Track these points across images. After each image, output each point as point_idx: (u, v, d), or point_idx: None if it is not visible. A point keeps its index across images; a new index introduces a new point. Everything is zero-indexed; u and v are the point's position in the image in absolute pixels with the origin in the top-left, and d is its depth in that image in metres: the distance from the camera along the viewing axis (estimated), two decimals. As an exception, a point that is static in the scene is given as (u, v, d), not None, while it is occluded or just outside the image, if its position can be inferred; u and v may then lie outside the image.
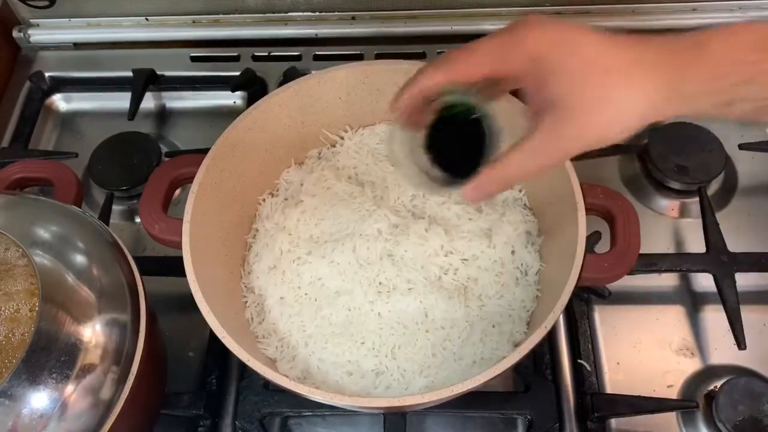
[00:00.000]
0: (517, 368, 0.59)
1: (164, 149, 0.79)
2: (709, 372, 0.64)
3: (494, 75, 0.39)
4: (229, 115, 0.79)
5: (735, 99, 0.37)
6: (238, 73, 0.84)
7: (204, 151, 0.60)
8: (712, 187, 0.74)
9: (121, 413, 0.48)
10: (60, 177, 0.63)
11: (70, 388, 0.46)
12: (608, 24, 0.83)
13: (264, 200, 0.66)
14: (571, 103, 0.37)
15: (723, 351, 0.64)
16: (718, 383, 0.60)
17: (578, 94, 0.37)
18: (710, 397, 0.60)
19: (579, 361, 0.63)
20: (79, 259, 0.52)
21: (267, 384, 0.61)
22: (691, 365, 0.64)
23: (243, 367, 0.63)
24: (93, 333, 0.49)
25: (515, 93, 0.50)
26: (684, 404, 0.61)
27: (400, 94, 0.41)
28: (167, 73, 0.85)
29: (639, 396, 0.60)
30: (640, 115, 0.38)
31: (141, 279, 0.54)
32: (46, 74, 0.87)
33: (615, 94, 0.37)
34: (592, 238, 0.66)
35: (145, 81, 0.82)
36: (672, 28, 0.83)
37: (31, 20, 0.89)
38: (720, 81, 0.36)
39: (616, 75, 0.37)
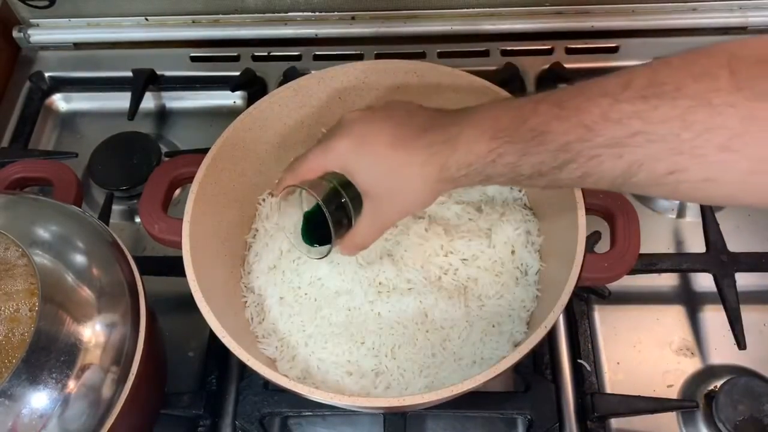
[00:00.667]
0: (517, 368, 0.59)
1: (164, 149, 0.79)
2: (709, 372, 0.64)
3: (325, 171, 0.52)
4: (229, 115, 0.79)
5: (489, 177, 0.45)
6: (238, 73, 0.84)
7: (204, 151, 0.60)
8: (712, 187, 0.74)
9: (121, 413, 0.48)
10: (60, 177, 0.63)
11: (70, 387, 0.46)
12: (608, 24, 0.83)
13: (264, 200, 0.66)
14: (375, 193, 0.50)
15: (723, 351, 0.64)
16: (718, 383, 0.60)
17: (377, 188, 0.50)
18: (710, 397, 0.60)
19: (579, 361, 0.63)
20: (79, 259, 0.52)
21: (267, 384, 0.61)
22: (691, 365, 0.64)
23: (243, 367, 0.63)
24: (93, 333, 0.49)
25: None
26: (684, 404, 0.61)
27: (280, 182, 0.55)
28: (167, 73, 0.85)
29: (639, 396, 0.60)
30: (425, 197, 0.49)
31: (141, 279, 0.54)
32: (46, 74, 0.87)
33: (401, 186, 0.49)
34: (592, 238, 0.66)
35: (144, 81, 0.82)
36: (672, 28, 0.83)
37: (31, 20, 0.89)
38: (471, 167, 0.45)
39: (398, 173, 0.48)
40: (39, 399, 0.45)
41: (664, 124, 0.37)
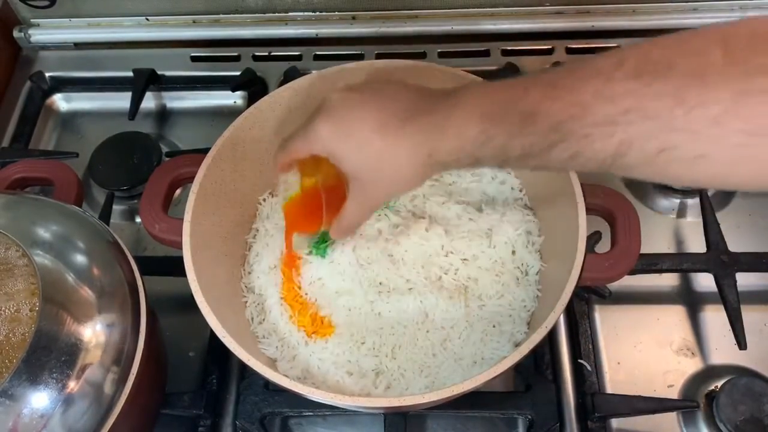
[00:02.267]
0: (518, 368, 0.59)
1: (164, 149, 0.79)
2: (709, 372, 0.64)
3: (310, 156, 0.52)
4: (229, 115, 0.79)
5: (479, 160, 0.45)
6: (238, 73, 0.84)
7: (204, 151, 0.60)
8: (713, 187, 0.74)
9: (122, 413, 0.48)
10: (60, 177, 0.63)
11: (70, 387, 0.46)
12: (609, 24, 0.83)
13: (264, 200, 0.66)
14: (359, 177, 0.49)
15: (723, 351, 0.64)
16: (719, 383, 0.60)
17: (361, 172, 0.49)
18: (711, 397, 0.60)
19: (579, 361, 0.63)
20: (80, 258, 0.52)
21: (267, 384, 0.61)
22: (692, 365, 0.64)
23: (243, 367, 0.63)
24: (93, 333, 0.49)
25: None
26: (685, 404, 0.61)
27: (273, 162, 0.55)
28: (168, 73, 0.85)
29: (639, 396, 0.60)
30: (409, 181, 0.49)
31: (141, 279, 0.54)
32: (47, 74, 0.87)
33: (386, 171, 0.48)
34: (593, 238, 0.66)
35: (145, 81, 0.83)
36: (672, 27, 0.83)
37: (31, 20, 0.89)
38: (462, 151, 0.44)
39: (383, 158, 0.47)
40: (39, 399, 0.45)
41: (657, 101, 0.37)
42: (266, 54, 0.87)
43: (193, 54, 0.87)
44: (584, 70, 0.40)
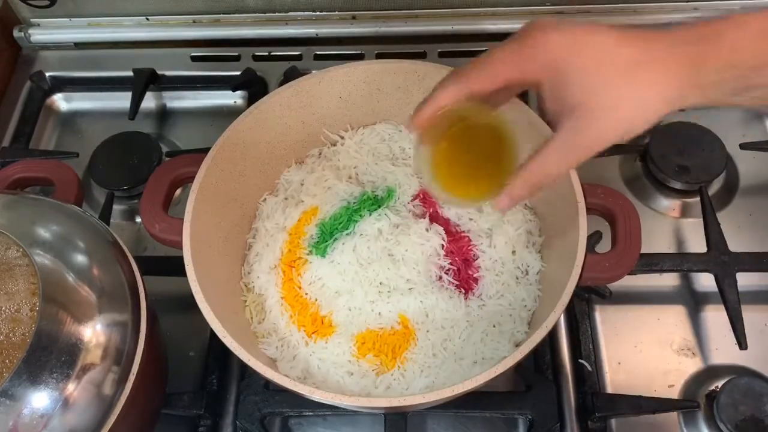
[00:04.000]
0: (518, 368, 0.58)
1: (165, 149, 0.79)
2: (710, 372, 0.64)
3: (511, 83, 0.40)
4: (229, 114, 0.79)
5: (750, 86, 0.37)
6: (238, 73, 0.84)
7: (204, 151, 0.60)
8: (713, 187, 0.74)
9: (122, 413, 0.48)
10: (60, 177, 0.63)
11: (70, 387, 0.46)
12: (610, 23, 0.83)
13: (264, 200, 0.66)
14: (589, 105, 0.38)
15: (724, 351, 0.64)
16: (719, 383, 0.60)
17: (596, 96, 0.38)
18: (711, 397, 0.60)
19: (580, 360, 0.63)
20: (80, 258, 0.52)
21: (268, 384, 0.61)
22: (692, 365, 0.64)
23: (244, 367, 0.63)
24: (94, 333, 0.49)
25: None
26: (685, 404, 0.61)
27: (419, 110, 0.42)
28: (168, 73, 0.85)
29: (640, 396, 0.60)
30: (657, 109, 0.38)
31: (141, 279, 0.54)
32: (47, 74, 0.87)
33: (631, 93, 0.37)
34: (593, 238, 0.66)
35: (145, 81, 0.82)
36: (673, 27, 0.83)
37: (31, 20, 0.89)
38: (735, 69, 0.37)
39: (631, 74, 0.37)
40: (40, 399, 0.45)
41: None
42: (266, 54, 0.87)
43: (193, 54, 0.87)
44: None
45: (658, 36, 0.38)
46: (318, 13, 0.86)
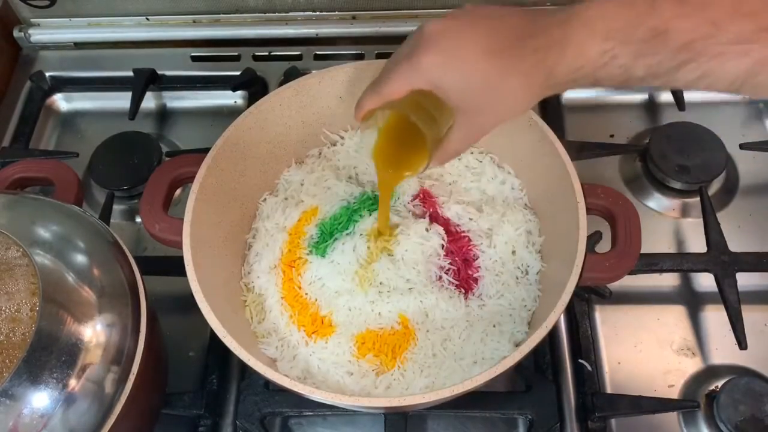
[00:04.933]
0: (518, 368, 0.58)
1: (165, 149, 0.79)
2: (710, 372, 0.64)
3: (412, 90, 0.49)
4: (229, 114, 0.79)
5: (598, 80, 0.43)
6: (238, 73, 0.84)
7: (204, 151, 0.60)
8: (713, 187, 0.74)
9: (122, 413, 0.48)
10: (60, 177, 0.63)
11: (70, 387, 0.46)
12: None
13: (264, 200, 0.66)
14: (467, 108, 0.47)
15: (724, 351, 0.64)
16: (719, 383, 0.60)
17: (470, 103, 0.47)
18: (711, 396, 0.60)
19: (580, 360, 0.63)
20: (80, 258, 0.52)
21: (268, 384, 0.61)
22: (692, 365, 0.64)
23: (244, 367, 0.63)
24: (93, 332, 0.49)
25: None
26: (685, 404, 0.61)
27: (358, 107, 0.52)
28: (168, 73, 0.85)
29: (640, 396, 0.60)
30: (524, 105, 0.47)
31: (142, 279, 0.54)
32: (47, 74, 0.87)
33: (499, 97, 0.46)
34: (593, 238, 0.66)
35: (145, 81, 0.82)
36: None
37: (31, 20, 0.89)
38: (581, 71, 0.42)
39: (491, 84, 0.45)
40: (40, 399, 0.45)
41: None
42: (266, 54, 0.87)
43: (193, 54, 0.87)
44: None
45: (520, 50, 0.44)
46: (318, 13, 0.86)
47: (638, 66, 0.40)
